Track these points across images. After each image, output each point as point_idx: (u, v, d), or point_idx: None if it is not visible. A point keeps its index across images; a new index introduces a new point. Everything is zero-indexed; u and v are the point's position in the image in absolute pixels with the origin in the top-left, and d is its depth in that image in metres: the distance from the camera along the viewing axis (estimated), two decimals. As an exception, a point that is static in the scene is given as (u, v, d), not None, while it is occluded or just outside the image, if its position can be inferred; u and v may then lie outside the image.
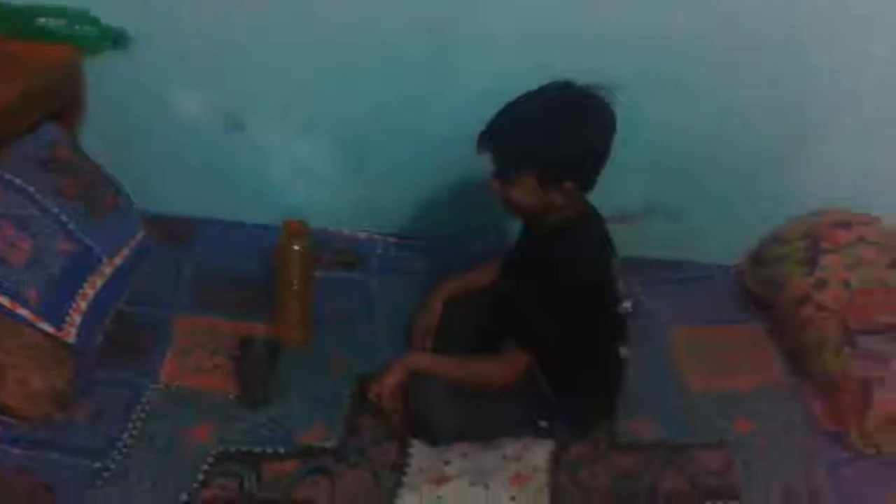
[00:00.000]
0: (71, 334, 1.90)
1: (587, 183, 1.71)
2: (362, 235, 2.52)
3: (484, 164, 1.74)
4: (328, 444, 1.82)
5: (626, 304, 1.81)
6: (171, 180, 2.48)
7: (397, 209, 2.52)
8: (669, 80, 2.19)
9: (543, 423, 1.81)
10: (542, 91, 1.67)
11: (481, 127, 1.69)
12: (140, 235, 2.25)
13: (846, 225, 2.29)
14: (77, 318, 1.93)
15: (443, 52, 2.21)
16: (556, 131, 1.63)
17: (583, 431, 1.85)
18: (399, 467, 1.76)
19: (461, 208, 2.44)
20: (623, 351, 1.83)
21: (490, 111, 1.70)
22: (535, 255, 1.80)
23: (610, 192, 1.80)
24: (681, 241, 2.49)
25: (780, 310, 2.25)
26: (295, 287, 2.05)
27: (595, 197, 1.79)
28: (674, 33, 2.14)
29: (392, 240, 2.52)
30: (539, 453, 1.79)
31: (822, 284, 2.17)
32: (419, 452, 1.79)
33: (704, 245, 2.49)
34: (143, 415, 1.85)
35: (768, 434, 1.93)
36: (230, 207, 2.51)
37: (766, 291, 2.33)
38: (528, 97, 1.68)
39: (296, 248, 2.02)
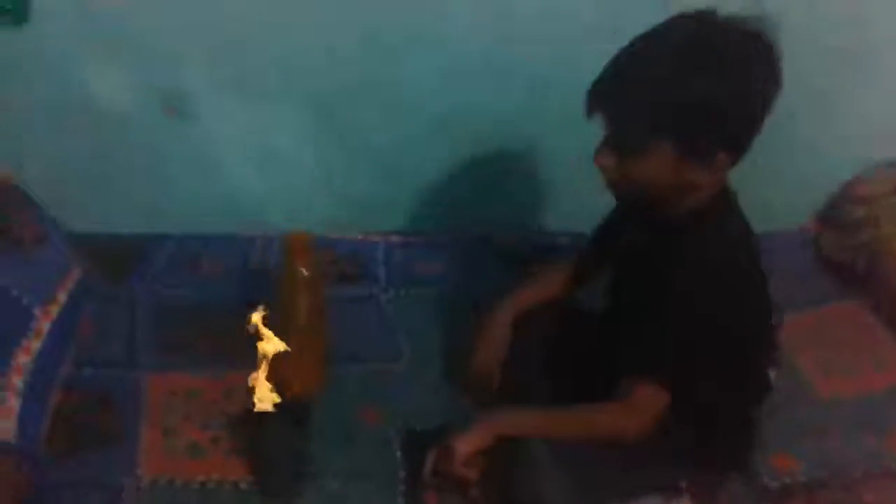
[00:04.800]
0: (9, 431, 1.36)
1: (740, 152, 1.24)
2: (357, 237, 2.01)
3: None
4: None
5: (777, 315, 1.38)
6: (103, 191, 1.92)
7: (393, 200, 2.01)
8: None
9: (683, 483, 1.37)
10: (674, 26, 1.19)
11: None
12: (77, 272, 1.69)
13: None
14: (15, 404, 1.39)
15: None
16: (708, 79, 1.15)
17: (719, 483, 1.43)
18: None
19: (472, 193, 1.99)
20: (772, 375, 1.40)
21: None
22: (657, 256, 1.33)
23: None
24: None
25: (881, 282, 1.88)
26: (305, 323, 1.55)
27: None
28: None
29: (395, 239, 2.02)
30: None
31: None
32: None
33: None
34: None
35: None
36: (183, 217, 1.97)
37: (854, 260, 1.96)
38: (657, 35, 1.19)
39: (305, 273, 1.51)
